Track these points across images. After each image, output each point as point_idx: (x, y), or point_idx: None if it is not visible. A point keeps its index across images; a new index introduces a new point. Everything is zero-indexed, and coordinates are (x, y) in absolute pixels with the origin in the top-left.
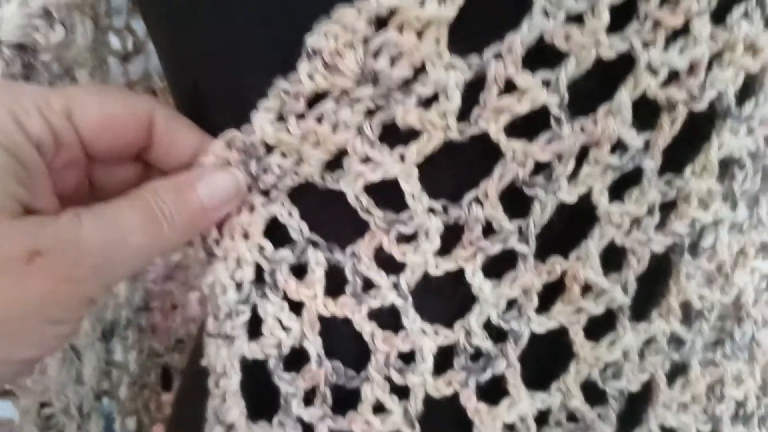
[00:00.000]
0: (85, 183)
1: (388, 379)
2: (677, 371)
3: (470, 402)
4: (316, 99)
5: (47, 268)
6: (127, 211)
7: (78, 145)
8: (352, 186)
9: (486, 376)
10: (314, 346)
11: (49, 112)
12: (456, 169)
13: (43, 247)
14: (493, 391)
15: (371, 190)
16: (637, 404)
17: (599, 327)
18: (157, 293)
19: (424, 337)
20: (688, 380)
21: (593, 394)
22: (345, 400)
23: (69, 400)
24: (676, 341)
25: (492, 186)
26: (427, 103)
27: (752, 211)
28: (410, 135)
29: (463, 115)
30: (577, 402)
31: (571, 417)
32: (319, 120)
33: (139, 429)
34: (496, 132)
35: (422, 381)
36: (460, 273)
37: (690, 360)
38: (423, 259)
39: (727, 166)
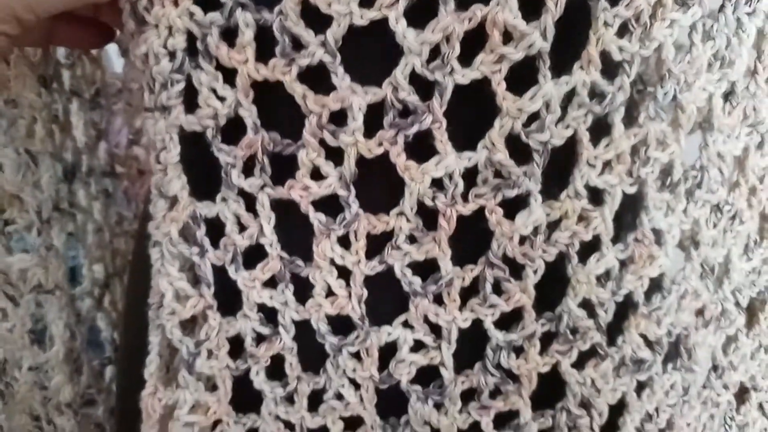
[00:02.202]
0: None
1: (322, 142)
2: (601, 132)
3: (400, 159)
4: None
5: None
6: None
7: None
8: None
9: (413, 130)
10: (250, 114)
11: None
12: None
13: None
14: (421, 152)
15: None
16: (563, 169)
17: (521, 83)
18: (123, 159)
19: (354, 95)
20: (611, 138)
21: (518, 151)
22: (283, 171)
23: (27, 204)
24: (598, 96)
25: None
26: None
27: None
28: None
29: None
30: (502, 156)
31: (498, 174)
32: None
33: (107, 280)
34: None
35: (354, 140)
36: (384, 22)
37: (613, 118)
38: (347, 9)
39: None
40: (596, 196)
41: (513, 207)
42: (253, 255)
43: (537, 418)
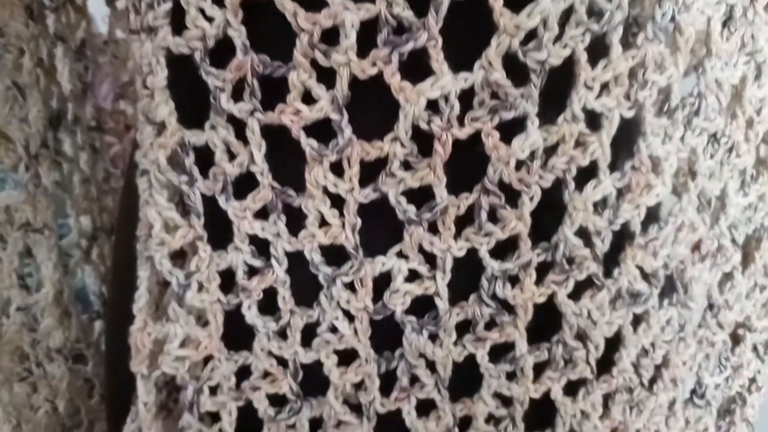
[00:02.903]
0: None
1: (314, 63)
2: (598, 54)
3: (394, 79)
4: None
5: None
6: None
7: None
8: None
9: (408, 47)
10: (239, 34)
11: None
12: None
13: None
14: (416, 74)
15: None
16: (561, 93)
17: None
18: (109, 113)
19: (347, 11)
20: (609, 59)
21: (516, 73)
22: (273, 95)
23: (15, 139)
24: (596, 14)
25: None
26: None
27: None
28: None
29: None
30: (499, 75)
31: (495, 96)
32: None
33: (95, 233)
34: None
35: (347, 60)
36: None
37: (611, 38)
38: None
39: None
40: (594, 121)
41: (509, 132)
42: (244, 185)
43: (533, 351)
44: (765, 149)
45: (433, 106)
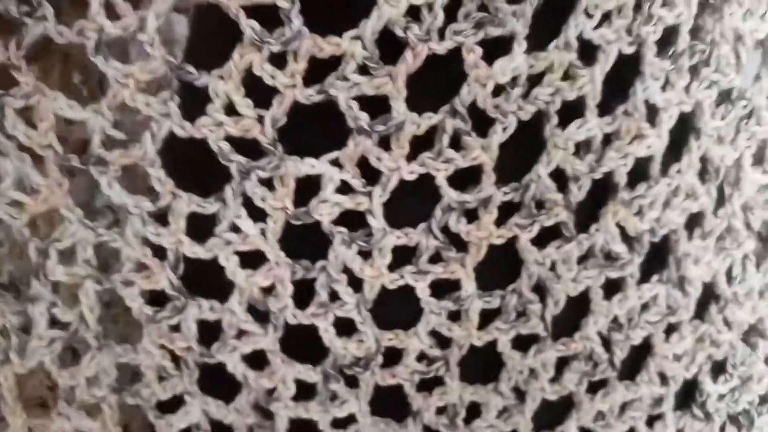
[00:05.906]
0: None
1: None
2: None
3: None
4: None
5: None
6: None
7: None
8: None
9: None
10: None
11: None
12: None
13: None
14: None
15: None
16: (557, 21)
17: None
18: None
19: None
20: None
21: None
22: None
23: None
24: None
25: None
26: None
27: None
28: None
29: None
30: None
31: (483, 9)
32: None
33: None
34: None
35: None
36: None
37: None
38: None
39: None
40: (588, 54)
41: (493, 56)
42: None
43: (482, 296)
44: None
45: (413, 12)
